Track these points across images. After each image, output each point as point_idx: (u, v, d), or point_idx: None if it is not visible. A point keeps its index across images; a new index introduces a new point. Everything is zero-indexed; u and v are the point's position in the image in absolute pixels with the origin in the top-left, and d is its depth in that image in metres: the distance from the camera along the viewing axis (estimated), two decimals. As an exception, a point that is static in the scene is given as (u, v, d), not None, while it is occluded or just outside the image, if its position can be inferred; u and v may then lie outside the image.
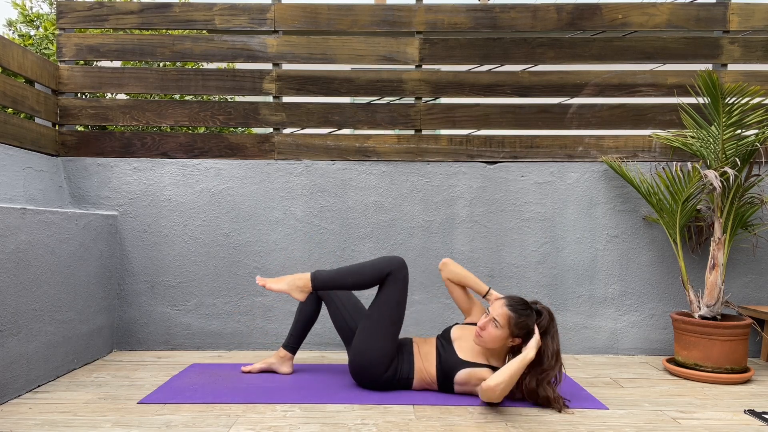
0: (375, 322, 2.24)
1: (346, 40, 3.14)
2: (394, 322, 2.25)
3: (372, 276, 2.25)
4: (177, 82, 3.15)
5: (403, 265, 2.25)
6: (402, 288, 2.25)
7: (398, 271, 2.24)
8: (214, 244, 3.04)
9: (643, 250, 3.05)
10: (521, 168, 3.09)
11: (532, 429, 1.89)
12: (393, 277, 2.24)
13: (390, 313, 2.24)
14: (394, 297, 2.24)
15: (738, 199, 2.68)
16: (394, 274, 2.23)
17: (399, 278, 2.24)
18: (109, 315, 2.92)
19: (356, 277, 2.25)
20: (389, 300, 2.24)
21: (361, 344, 2.24)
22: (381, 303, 2.25)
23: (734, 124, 2.57)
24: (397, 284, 2.24)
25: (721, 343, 2.51)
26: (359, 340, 2.25)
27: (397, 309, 2.25)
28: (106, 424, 1.88)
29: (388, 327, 2.24)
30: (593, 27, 3.14)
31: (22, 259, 2.17)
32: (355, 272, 2.26)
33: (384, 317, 2.24)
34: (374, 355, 2.22)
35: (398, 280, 2.24)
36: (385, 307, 2.24)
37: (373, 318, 2.24)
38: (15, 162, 2.64)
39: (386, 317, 2.24)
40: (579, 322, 3.04)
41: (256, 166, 3.07)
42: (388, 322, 2.24)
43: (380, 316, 2.24)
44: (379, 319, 2.24)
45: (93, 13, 3.14)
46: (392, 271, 2.23)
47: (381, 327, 2.23)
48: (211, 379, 2.43)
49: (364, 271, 2.25)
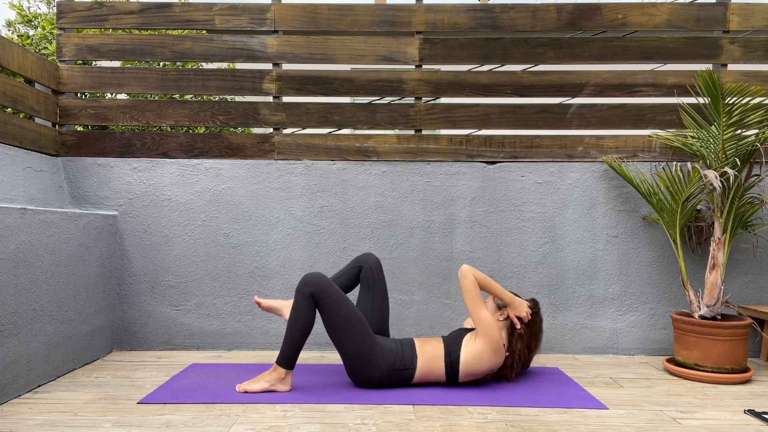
0: (337, 335, 2.25)
1: (346, 40, 3.14)
2: (350, 324, 2.24)
3: (305, 312, 2.23)
4: (177, 82, 3.15)
5: (313, 280, 2.24)
6: (331, 296, 2.23)
7: (312, 288, 2.22)
8: (214, 244, 3.04)
9: (643, 250, 3.05)
10: (521, 168, 3.09)
11: (532, 429, 1.89)
12: (314, 295, 2.22)
13: (340, 322, 2.24)
14: (331, 308, 2.23)
15: (738, 199, 2.68)
16: (314, 293, 2.22)
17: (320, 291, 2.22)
18: (109, 315, 2.92)
19: (297, 325, 2.23)
20: (330, 314, 2.24)
21: (342, 354, 2.29)
22: (327, 320, 2.25)
23: (734, 124, 2.57)
24: (324, 297, 2.22)
25: (721, 343, 2.51)
26: (339, 349, 2.29)
27: (342, 314, 2.24)
28: (106, 424, 1.88)
29: (349, 332, 2.24)
30: (593, 27, 3.14)
31: (22, 259, 2.17)
32: (293, 323, 2.23)
33: (339, 328, 2.24)
34: (356, 358, 2.25)
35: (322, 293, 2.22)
36: (334, 321, 2.24)
37: (333, 333, 2.26)
38: (15, 162, 2.64)
39: (340, 327, 2.24)
40: (579, 322, 3.04)
41: (256, 166, 3.07)
42: (346, 329, 2.24)
43: (336, 328, 2.24)
44: (337, 331, 2.25)
45: (93, 13, 3.14)
46: (312, 292, 2.22)
47: (344, 336, 2.24)
48: (211, 379, 2.43)
49: (297, 315, 2.23)
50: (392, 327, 3.01)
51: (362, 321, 2.27)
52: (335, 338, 2.27)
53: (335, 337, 2.27)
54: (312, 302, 2.23)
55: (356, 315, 2.27)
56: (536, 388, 2.35)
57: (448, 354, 2.29)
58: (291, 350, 2.24)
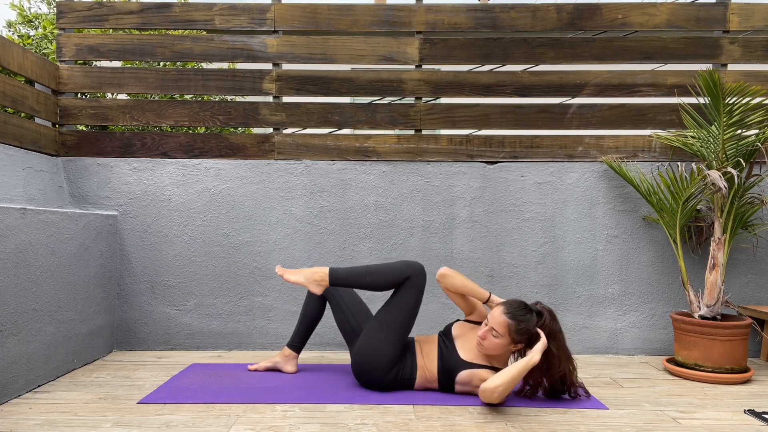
0: (385, 325, 2.22)
1: (346, 40, 3.14)
2: (404, 327, 2.24)
3: (390, 278, 2.23)
4: (177, 82, 3.15)
5: (422, 272, 2.24)
6: (418, 295, 2.24)
7: (417, 276, 2.22)
8: (213, 244, 3.04)
9: (643, 250, 3.04)
10: (521, 168, 3.09)
11: (532, 429, 1.89)
12: (411, 281, 2.22)
13: (402, 318, 2.23)
14: (409, 302, 2.23)
15: (738, 199, 2.68)
16: (412, 279, 2.21)
17: (417, 284, 2.22)
18: (109, 315, 2.91)
19: (375, 276, 2.23)
20: (403, 305, 2.22)
21: (367, 346, 2.23)
22: (395, 307, 2.23)
23: (735, 124, 2.57)
24: (413, 290, 2.22)
25: (721, 343, 2.51)
26: (365, 341, 2.24)
27: (409, 315, 2.24)
28: (106, 424, 1.88)
29: (397, 331, 2.22)
30: (593, 27, 3.14)
31: (22, 259, 2.17)
32: (374, 272, 2.24)
33: (396, 321, 2.22)
34: (379, 358, 2.21)
35: (415, 286, 2.22)
36: (398, 312, 2.23)
37: (384, 321, 2.23)
38: (15, 162, 2.64)
39: (398, 322, 2.22)
40: (579, 322, 3.04)
41: (256, 166, 3.07)
42: (399, 327, 2.23)
43: (392, 319, 2.22)
44: (390, 322, 2.22)
45: (93, 13, 3.14)
46: (411, 276, 2.21)
47: (390, 331, 2.22)
48: (211, 379, 2.43)
49: (383, 272, 2.24)
50: (392, 327, 3.02)
51: (410, 331, 2.27)
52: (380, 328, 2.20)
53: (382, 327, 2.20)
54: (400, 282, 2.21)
55: (412, 324, 2.26)
56: (536, 388, 2.35)
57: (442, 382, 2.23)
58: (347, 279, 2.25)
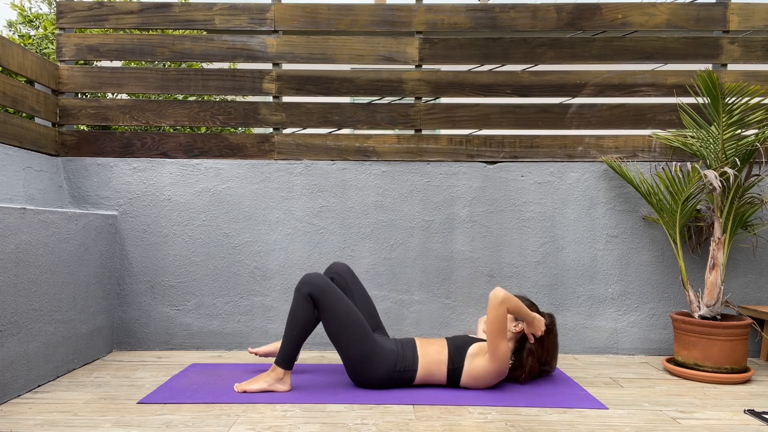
0: (336, 336, 2.25)
1: (346, 40, 3.14)
2: (350, 324, 2.24)
3: (304, 311, 2.23)
4: (177, 82, 3.15)
5: (311, 279, 2.24)
6: (330, 296, 2.23)
7: (313, 287, 2.22)
8: (213, 244, 3.04)
9: (643, 250, 3.05)
10: (521, 168, 3.09)
11: (531, 429, 1.89)
12: (314, 296, 2.22)
13: (340, 321, 2.24)
14: (331, 307, 2.23)
15: (738, 199, 2.68)
16: (313, 293, 2.22)
17: (319, 291, 2.22)
18: (109, 315, 2.92)
19: (297, 324, 2.23)
20: (329, 313, 2.23)
21: (342, 354, 2.29)
22: (327, 319, 2.24)
23: (734, 123, 2.57)
24: (323, 297, 2.22)
25: (721, 343, 2.51)
26: (340, 353, 2.29)
27: (342, 314, 2.24)
28: (106, 424, 1.88)
29: (349, 332, 2.24)
30: (593, 27, 3.14)
31: (22, 259, 2.17)
32: (292, 323, 2.23)
33: (339, 328, 2.24)
34: (356, 358, 2.25)
35: (321, 294, 2.22)
36: (333, 320, 2.24)
37: (333, 334, 2.25)
38: (15, 162, 2.64)
39: (340, 326, 2.24)
40: (579, 322, 3.04)
41: (256, 166, 3.07)
42: (346, 328, 2.24)
43: (336, 329, 2.24)
44: (337, 331, 2.24)
45: (93, 13, 3.14)
46: (310, 293, 2.22)
47: (344, 337, 2.24)
48: (211, 379, 2.43)
49: (296, 314, 2.23)
50: (392, 327, 3.02)
51: (361, 321, 2.27)
52: (335, 339, 2.26)
53: (335, 338, 2.26)
54: (310, 302, 2.23)
55: (355, 316, 2.27)
56: (536, 388, 2.35)
57: (452, 361, 2.28)
58: (290, 350, 2.24)
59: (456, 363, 2.27)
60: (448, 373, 2.28)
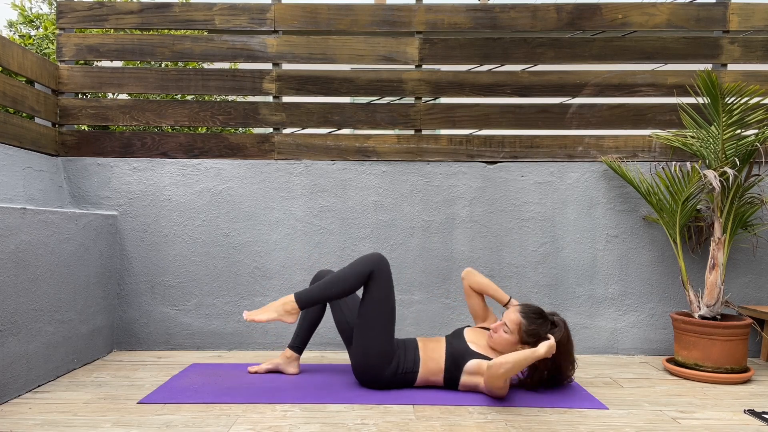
0: (369, 321, 2.25)
1: (346, 40, 3.14)
2: (388, 317, 2.26)
3: (355, 280, 2.25)
4: (177, 82, 3.15)
5: (382, 260, 2.26)
6: (387, 283, 2.26)
7: (379, 267, 2.25)
8: (213, 244, 3.04)
9: (643, 250, 3.05)
10: (521, 168, 3.09)
11: (531, 429, 1.89)
12: (375, 275, 2.25)
13: (381, 309, 2.25)
14: (382, 293, 2.25)
15: (738, 199, 2.68)
16: (375, 272, 2.24)
17: (382, 274, 2.25)
18: (109, 315, 2.92)
19: (340, 285, 2.25)
20: (377, 297, 2.25)
21: (361, 344, 2.26)
22: (370, 302, 2.25)
23: (734, 123, 2.57)
24: (381, 280, 2.25)
25: (721, 343, 2.51)
26: (357, 340, 2.26)
27: (387, 304, 2.26)
28: (106, 424, 1.88)
29: (383, 323, 2.24)
30: (593, 27, 3.14)
31: (22, 259, 2.17)
32: (338, 281, 2.26)
33: (377, 315, 2.24)
34: (373, 351, 2.23)
35: (382, 276, 2.25)
36: (376, 305, 2.24)
37: (367, 317, 2.25)
38: (15, 162, 2.64)
39: (378, 314, 2.24)
40: (579, 322, 3.04)
41: (256, 166, 3.07)
42: (383, 318, 2.25)
43: (373, 314, 2.24)
44: (372, 317, 2.24)
45: (93, 13, 3.14)
46: (373, 270, 2.24)
47: (376, 325, 2.24)
48: (211, 379, 2.43)
49: (346, 277, 2.25)
50: (392, 327, 3.02)
51: (394, 322, 2.28)
52: (366, 325, 2.24)
53: (366, 324, 2.24)
54: (366, 279, 2.24)
55: (394, 314, 2.28)
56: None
57: (448, 370, 2.25)
58: (314, 297, 2.25)
59: (452, 373, 2.25)
60: (445, 382, 2.28)
